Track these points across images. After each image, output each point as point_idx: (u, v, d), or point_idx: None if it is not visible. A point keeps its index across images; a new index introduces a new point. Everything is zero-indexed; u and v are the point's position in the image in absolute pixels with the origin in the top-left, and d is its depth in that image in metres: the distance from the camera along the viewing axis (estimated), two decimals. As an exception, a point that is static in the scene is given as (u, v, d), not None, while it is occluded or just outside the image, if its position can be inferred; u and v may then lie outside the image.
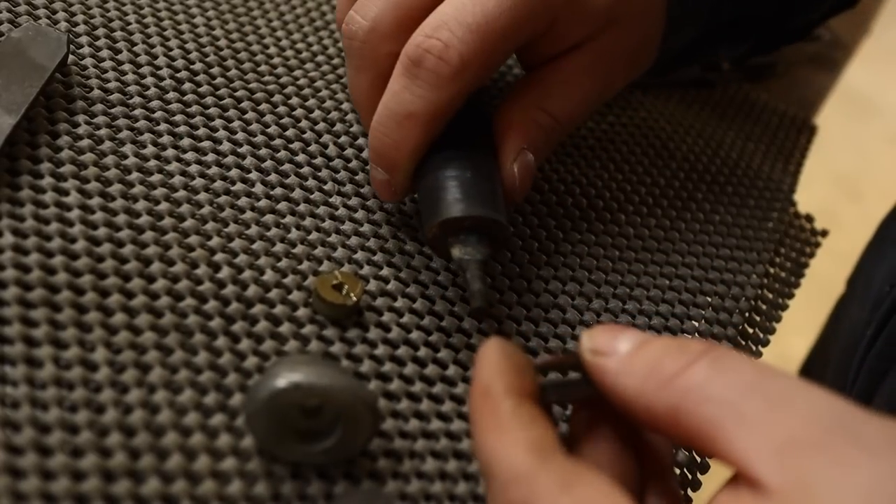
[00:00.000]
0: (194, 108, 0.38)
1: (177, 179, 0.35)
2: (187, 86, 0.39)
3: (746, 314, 0.42)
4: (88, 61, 0.38)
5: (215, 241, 0.34)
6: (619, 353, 0.25)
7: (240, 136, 0.38)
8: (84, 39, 0.39)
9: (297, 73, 0.43)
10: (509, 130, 0.36)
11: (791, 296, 0.45)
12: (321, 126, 0.40)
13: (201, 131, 0.37)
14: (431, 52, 0.33)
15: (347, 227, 0.37)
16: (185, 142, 0.37)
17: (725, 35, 0.46)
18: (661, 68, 0.43)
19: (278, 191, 0.37)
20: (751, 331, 0.41)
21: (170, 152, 0.36)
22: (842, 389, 0.48)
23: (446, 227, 0.33)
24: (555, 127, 0.37)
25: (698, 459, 0.35)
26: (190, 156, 0.36)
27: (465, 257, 0.33)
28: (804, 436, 0.21)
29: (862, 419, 0.22)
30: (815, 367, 0.61)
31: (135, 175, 0.34)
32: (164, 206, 0.34)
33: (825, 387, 0.23)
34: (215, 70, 0.40)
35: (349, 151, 0.40)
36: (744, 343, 0.41)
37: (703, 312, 0.40)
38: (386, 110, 0.34)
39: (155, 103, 0.37)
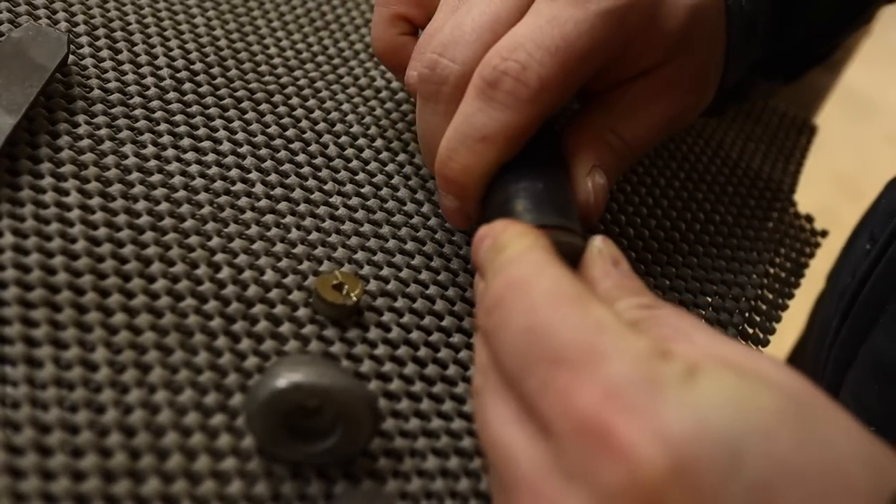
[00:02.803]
0: (194, 108, 0.38)
1: (177, 179, 0.35)
2: (187, 86, 0.39)
3: (747, 314, 0.42)
4: (89, 61, 0.38)
5: (215, 242, 0.34)
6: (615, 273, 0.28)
7: (240, 136, 0.38)
8: (84, 39, 0.39)
9: (298, 73, 0.43)
10: (581, 149, 0.35)
11: (791, 296, 0.45)
12: (321, 126, 0.40)
13: (201, 131, 0.37)
14: (509, 74, 0.32)
15: (348, 227, 0.37)
16: (186, 142, 0.37)
17: (760, 72, 0.46)
18: (717, 104, 0.42)
19: (278, 191, 0.37)
20: (751, 331, 0.41)
21: (170, 152, 0.36)
22: (818, 382, 0.48)
23: None
24: (625, 151, 0.36)
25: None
26: (190, 156, 0.36)
27: None
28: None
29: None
30: (796, 363, 0.62)
31: (135, 175, 0.34)
32: (164, 206, 0.34)
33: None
34: (215, 70, 0.40)
35: (349, 151, 0.40)
36: (744, 343, 0.41)
37: (704, 312, 0.40)
38: (457, 134, 0.33)
39: (155, 103, 0.37)
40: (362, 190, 0.38)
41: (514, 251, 0.27)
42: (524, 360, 0.24)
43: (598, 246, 0.30)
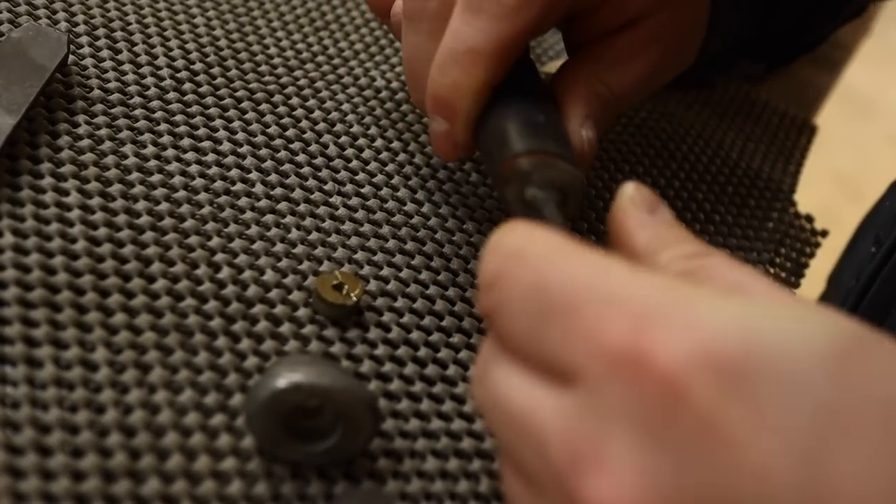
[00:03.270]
0: (194, 108, 0.38)
1: (177, 179, 0.35)
2: (187, 86, 0.39)
3: (746, 314, 0.42)
4: (89, 61, 0.38)
5: (215, 242, 0.34)
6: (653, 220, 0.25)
7: (240, 136, 0.38)
8: (84, 39, 0.39)
9: (298, 73, 0.43)
10: (573, 98, 0.35)
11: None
12: (321, 126, 0.40)
13: (201, 131, 0.37)
14: None
15: (348, 227, 0.37)
16: (186, 142, 0.37)
17: (745, 52, 0.46)
18: (699, 72, 0.43)
19: (278, 191, 0.37)
20: (751, 331, 0.41)
21: (170, 152, 0.36)
22: None
23: (518, 165, 0.30)
24: (611, 101, 0.36)
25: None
26: (190, 156, 0.36)
27: (543, 195, 0.30)
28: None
29: None
30: None
31: (135, 175, 0.34)
32: (164, 206, 0.34)
33: None
34: (215, 70, 0.40)
35: (349, 151, 0.40)
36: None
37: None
38: (445, 50, 0.32)
39: (155, 103, 0.37)
40: (362, 190, 0.38)
41: (498, 234, 0.25)
42: (538, 319, 0.22)
43: (630, 194, 0.26)
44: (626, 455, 0.20)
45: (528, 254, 0.23)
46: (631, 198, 0.26)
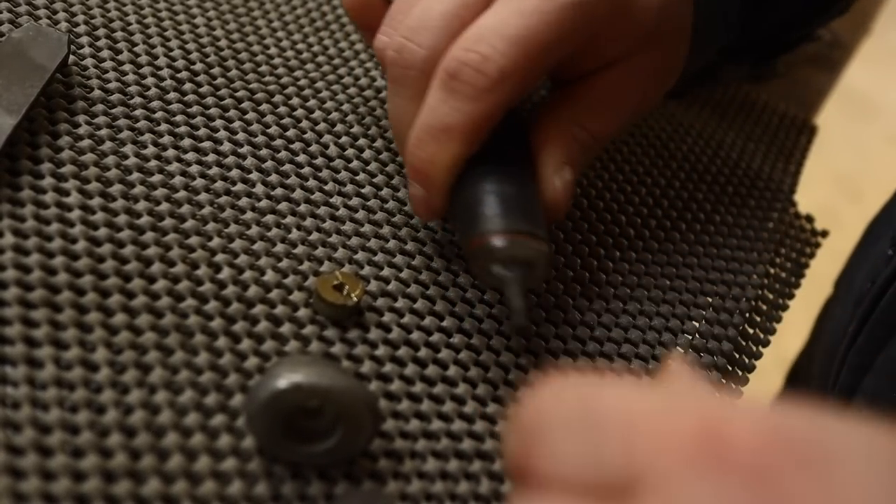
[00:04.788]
0: (195, 109, 0.38)
1: (177, 180, 0.35)
2: (188, 86, 0.39)
3: (747, 314, 0.42)
4: (89, 61, 0.38)
5: (216, 242, 0.34)
6: None
7: (240, 136, 0.38)
8: (85, 40, 0.39)
9: (298, 73, 0.43)
10: (548, 146, 0.35)
11: (791, 296, 0.45)
12: (322, 126, 0.40)
13: (202, 131, 0.37)
14: (469, 65, 0.32)
15: (348, 227, 0.37)
16: (186, 142, 0.37)
17: (727, 57, 0.46)
18: (678, 89, 0.43)
19: (279, 191, 0.37)
20: (751, 331, 0.41)
21: (170, 153, 0.36)
22: (825, 388, 0.48)
23: (485, 244, 0.32)
24: (591, 144, 0.36)
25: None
26: (191, 156, 0.36)
27: (507, 273, 0.32)
28: None
29: None
30: (802, 368, 0.62)
31: (135, 175, 0.34)
32: (164, 206, 0.34)
33: (811, 386, 0.22)
34: (216, 70, 0.40)
35: (350, 152, 0.40)
36: (744, 343, 0.41)
37: (704, 313, 0.40)
38: (423, 125, 0.33)
39: (156, 103, 0.37)
40: (363, 190, 0.38)
41: (528, 393, 0.23)
42: (591, 441, 0.21)
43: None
44: None
45: (568, 391, 0.22)
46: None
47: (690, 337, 0.39)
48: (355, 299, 0.33)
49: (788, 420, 0.20)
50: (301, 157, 0.38)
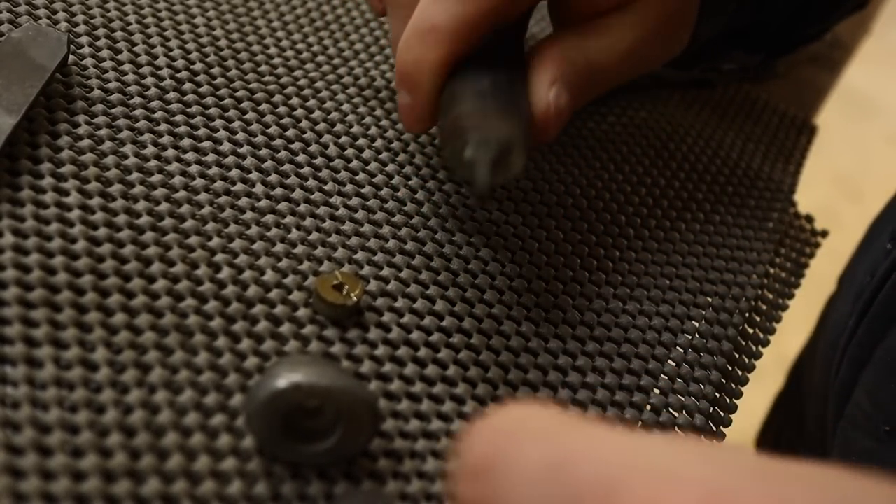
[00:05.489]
0: (195, 109, 0.38)
1: (177, 180, 0.35)
2: (188, 86, 0.39)
3: (747, 314, 0.42)
4: (89, 61, 0.38)
5: (216, 242, 0.34)
6: None
7: (240, 136, 0.38)
8: (84, 39, 0.39)
9: (298, 73, 0.43)
10: (543, 61, 0.34)
11: (791, 296, 0.45)
12: (322, 126, 0.40)
13: (202, 131, 0.37)
14: None
15: (348, 227, 0.37)
16: (186, 142, 0.37)
17: (741, 43, 0.46)
18: (688, 60, 0.42)
19: (279, 191, 0.37)
20: (751, 331, 0.41)
21: (170, 152, 0.36)
22: (827, 383, 0.48)
23: (457, 123, 0.30)
24: (588, 72, 0.35)
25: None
26: (190, 156, 0.36)
27: (475, 154, 0.30)
28: None
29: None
30: (805, 364, 0.62)
31: (135, 175, 0.34)
32: (164, 206, 0.34)
33: (814, 381, 0.21)
34: (216, 70, 0.40)
35: (350, 152, 0.40)
36: (744, 343, 0.41)
37: (704, 312, 0.40)
38: (411, 27, 0.33)
39: (155, 103, 0.37)
40: (362, 190, 0.38)
41: (485, 416, 0.20)
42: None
43: None
44: None
45: (531, 429, 0.19)
46: None
47: (690, 337, 0.39)
48: (355, 299, 0.33)
49: (804, 494, 0.16)
50: (300, 157, 0.38)
